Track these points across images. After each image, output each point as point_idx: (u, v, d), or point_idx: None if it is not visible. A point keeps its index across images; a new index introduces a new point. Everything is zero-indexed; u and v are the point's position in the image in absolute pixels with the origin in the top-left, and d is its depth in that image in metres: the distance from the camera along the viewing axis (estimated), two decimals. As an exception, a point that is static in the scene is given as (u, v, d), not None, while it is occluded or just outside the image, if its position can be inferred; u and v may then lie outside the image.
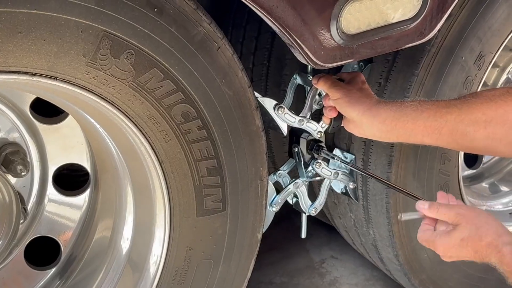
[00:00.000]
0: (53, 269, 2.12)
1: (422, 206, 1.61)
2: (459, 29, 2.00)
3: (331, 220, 2.60)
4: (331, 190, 2.37)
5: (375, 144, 2.11)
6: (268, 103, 1.94)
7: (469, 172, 2.75)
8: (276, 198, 2.07)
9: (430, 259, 2.31)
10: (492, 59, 2.10)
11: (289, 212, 2.48)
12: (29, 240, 2.09)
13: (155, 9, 1.54)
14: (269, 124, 1.98)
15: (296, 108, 2.01)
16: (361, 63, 2.06)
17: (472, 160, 2.69)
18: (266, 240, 2.07)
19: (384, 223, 2.23)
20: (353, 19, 1.70)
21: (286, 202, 2.14)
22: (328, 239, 2.99)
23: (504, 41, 2.09)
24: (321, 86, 1.88)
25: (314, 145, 2.04)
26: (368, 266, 2.83)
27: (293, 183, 2.10)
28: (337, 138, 2.22)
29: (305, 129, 2.01)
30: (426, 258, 2.30)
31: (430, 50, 1.98)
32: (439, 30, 1.88)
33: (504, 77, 2.45)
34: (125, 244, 1.98)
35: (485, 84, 2.24)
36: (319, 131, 2.02)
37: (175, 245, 1.86)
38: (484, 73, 2.10)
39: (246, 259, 2.00)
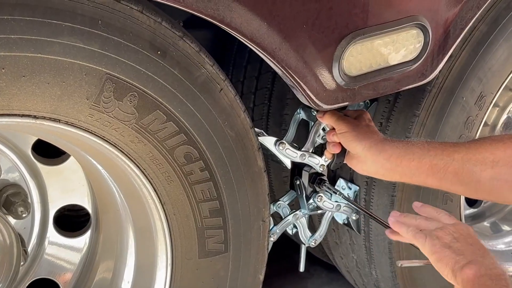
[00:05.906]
0: (53, 312, 2.11)
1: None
2: (459, 70, 2.01)
3: (332, 260, 2.59)
4: (333, 230, 2.36)
5: (377, 184, 2.10)
6: (269, 141, 1.93)
7: (471, 211, 2.74)
8: (274, 228, 2.04)
9: (434, 300, 2.29)
10: (493, 99, 2.10)
11: (289, 252, 2.47)
12: (29, 282, 2.07)
13: (159, 52, 1.54)
14: (272, 158, 1.97)
15: (298, 141, 2.00)
16: (367, 101, 2.06)
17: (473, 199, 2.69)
18: (266, 280, 2.04)
19: (386, 264, 2.21)
20: (355, 61, 1.71)
21: (287, 241, 2.12)
22: (330, 279, 2.96)
23: (504, 81, 2.10)
24: (327, 120, 1.87)
25: (316, 178, 2.02)
26: (370, 306, 2.80)
27: (292, 215, 2.07)
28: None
29: (307, 163, 2.00)
30: (430, 298, 2.28)
31: (431, 91, 1.99)
32: (440, 71, 1.89)
33: (504, 116, 2.45)
34: (126, 287, 1.96)
35: (485, 124, 2.25)
36: (322, 165, 2.00)
37: (176, 288, 1.84)
38: (485, 113, 2.11)
39: (248, 301, 1.98)
